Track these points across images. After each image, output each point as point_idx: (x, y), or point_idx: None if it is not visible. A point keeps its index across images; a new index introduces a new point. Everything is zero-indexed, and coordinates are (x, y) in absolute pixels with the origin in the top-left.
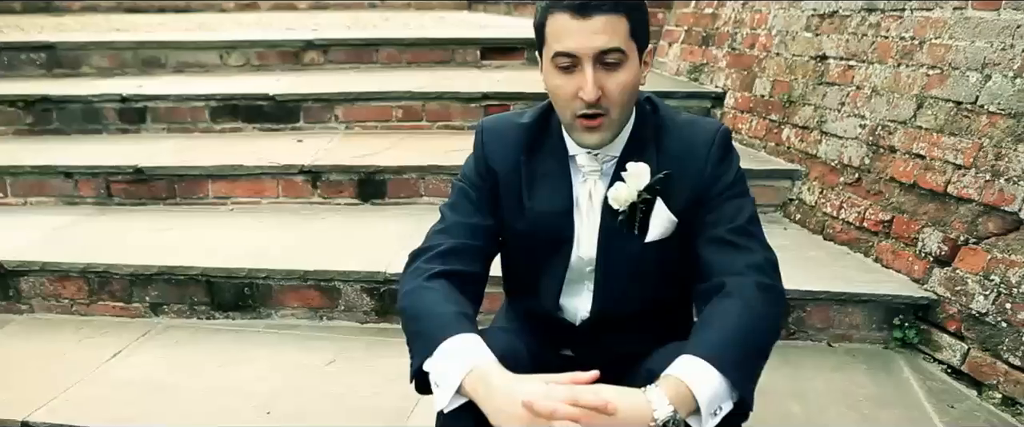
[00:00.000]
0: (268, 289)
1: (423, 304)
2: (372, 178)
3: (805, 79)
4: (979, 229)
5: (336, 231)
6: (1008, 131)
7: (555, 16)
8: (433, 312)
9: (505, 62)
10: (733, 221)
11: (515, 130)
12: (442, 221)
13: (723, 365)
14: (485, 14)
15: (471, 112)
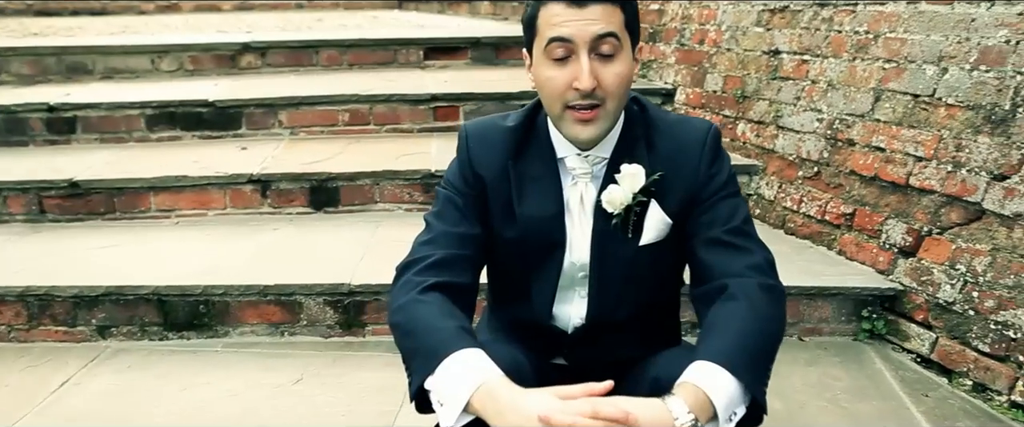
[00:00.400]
0: (225, 306)
1: (419, 319)
2: (324, 185)
3: (758, 74)
4: (942, 219)
5: (291, 242)
6: (967, 123)
7: (549, 6)
8: (431, 327)
9: (449, 62)
10: (729, 222)
11: (501, 133)
12: (428, 231)
13: (737, 369)
14: (417, 13)
15: (420, 114)
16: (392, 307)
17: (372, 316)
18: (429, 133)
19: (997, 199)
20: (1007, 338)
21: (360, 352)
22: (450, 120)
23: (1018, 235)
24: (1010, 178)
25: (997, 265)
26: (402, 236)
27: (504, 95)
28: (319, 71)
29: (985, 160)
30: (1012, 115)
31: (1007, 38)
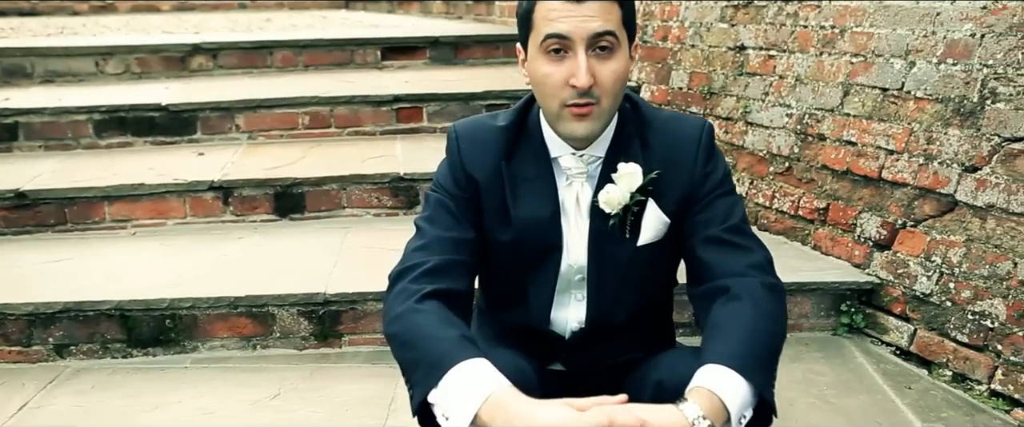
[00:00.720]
0: (193, 320)
1: (418, 329)
2: (289, 191)
3: (725, 70)
4: (916, 212)
5: (257, 251)
6: (937, 115)
7: (545, 1)
8: (432, 337)
9: (407, 62)
10: (727, 220)
11: (492, 133)
12: (421, 236)
13: (747, 371)
14: (366, 13)
15: (382, 116)
16: (388, 317)
17: (349, 326)
18: (392, 135)
19: (969, 190)
20: (985, 328)
21: (338, 364)
22: (413, 122)
23: (991, 226)
24: (981, 169)
25: (972, 256)
26: (373, 242)
27: (468, 95)
28: (274, 73)
29: (956, 152)
30: (981, 107)
31: (972, 32)
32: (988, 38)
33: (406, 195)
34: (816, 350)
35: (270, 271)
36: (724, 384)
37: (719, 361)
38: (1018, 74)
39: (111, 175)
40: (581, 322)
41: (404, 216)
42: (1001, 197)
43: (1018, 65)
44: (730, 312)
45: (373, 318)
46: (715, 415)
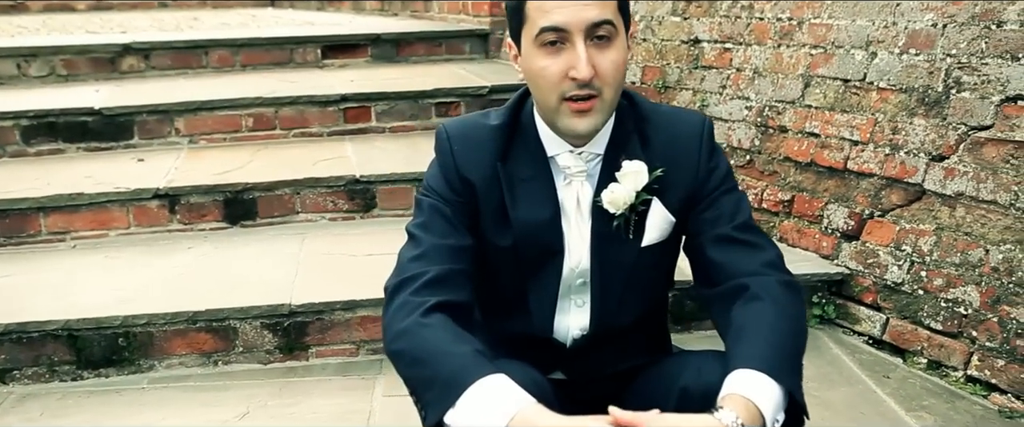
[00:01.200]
0: (148, 337)
1: (428, 345)
2: (240, 197)
3: (679, 64)
4: (883, 202)
5: (211, 261)
6: (901, 105)
7: None
8: (444, 353)
9: (349, 60)
10: (735, 218)
11: (486, 133)
12: (416, 244)
13: (779, 375)
14: (294, 11)
15: (329, 117)
16: (391, 333)
17: (316, 337)
18: (340, 136)
19: (938, 179)
20: (958, 315)
21: (306, 377)
22: (362, 122)
23: (961, 214)
24: (949, 158)
25: (943, 244)
26: (333, 248)
27: (417, 94)
28: (210, 73)
29: (923, 142)
30: (946, 97)
31: (934, 22)
32: (950, 28)
33: (362, 198)
34: None
35: (229, 282)
36: (758, 389)
37: (750, 365)
38: (982, 63)
39: (45, 185)
40: (583, 328)
41: (361, 220)
42: (970, 185)
43: (982, 54)
44: (753, 313)
45: (341, 328)
46: (752, 421)
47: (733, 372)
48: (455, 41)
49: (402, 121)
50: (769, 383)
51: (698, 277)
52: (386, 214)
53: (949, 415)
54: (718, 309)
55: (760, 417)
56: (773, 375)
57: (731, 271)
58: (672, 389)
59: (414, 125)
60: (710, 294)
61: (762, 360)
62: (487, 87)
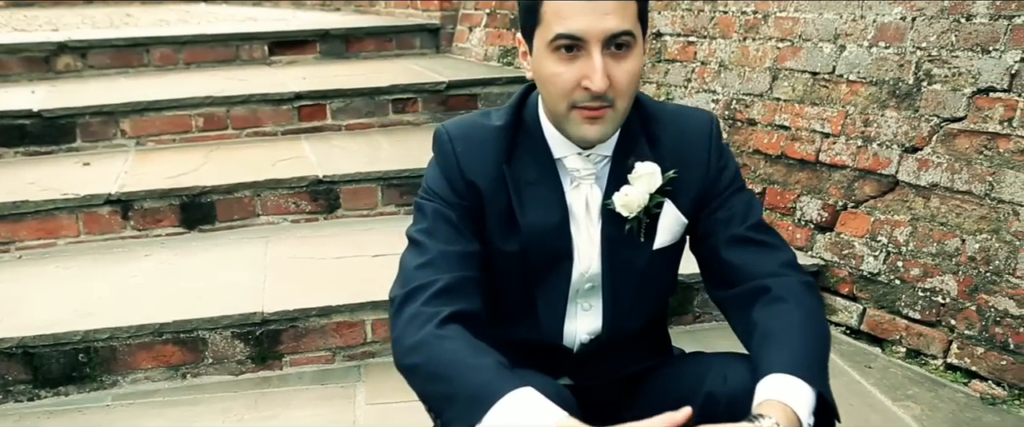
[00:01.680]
0: (111, 352)
1: (446, 359)
2: (197, 201)
3: None
4: (856, 193)
5: (172, 269)
6: (872, 98)
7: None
8: (465, 367)
9: (297, 57)
10: (748, 218)
11: (490, 134)
12: (422, 251)
13: (811, 378)
14: (228, 6)
15: (283, 115)
16: (404, 346)
17: (289, 345)
18: (295, 135)
19: (912, 170)
20: (937, 304)
21: (282, 387)
22: (316, 120)
23: (935, 204)
24: (922, 150)
25: (919, 234)
26: (299, 252)
27: (373, 90)
28: (152, 72)
29: (895, 134)
30: (917, 89)
31: (902, 15)
32: (920, 21)
33: (326, 199)
34: None
35: (194, 291)
36: (794, 393)
37: (783, 369)
38: (952, 56)
39: None
40: (591, 333)
41: (325, 221)
42: (945, 176)
43: (952, 47)
44: (779, 316)
45: (316, 335)
46: (790, 425)
47: (767, 377)
48: (405, 36)
49: (358, 118)
50: (803, 386)
51: (711, 279)
52: (350, 215)
53: (934, 404)
54: (736, 311)
55: (798, 421)
56: (806, 378)
57: (748, 272)
58: (695, 394)
59: (371, 122)
60: (726, 296)
61: (795, 364)
62: (444, 83)
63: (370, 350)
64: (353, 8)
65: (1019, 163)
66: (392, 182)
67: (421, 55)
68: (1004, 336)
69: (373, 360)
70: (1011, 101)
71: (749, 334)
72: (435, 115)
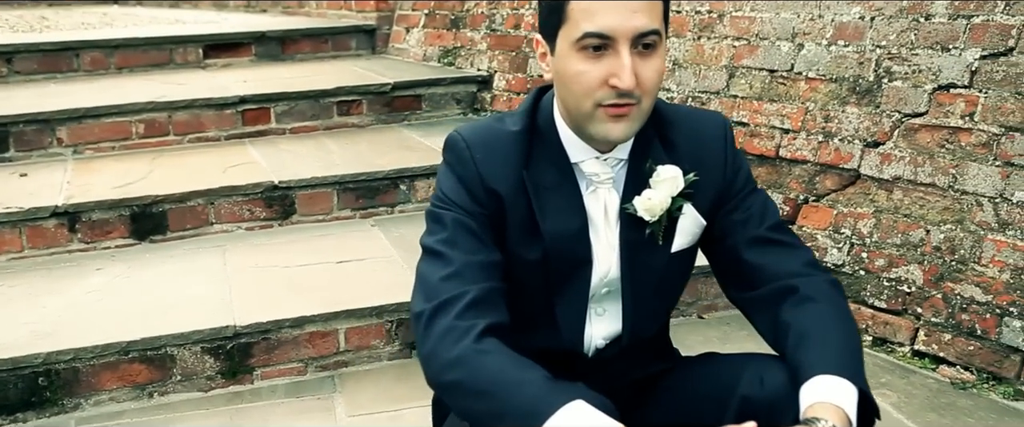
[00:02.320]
0: (74, 373)
1: (491, 374)
2: (148, 211)
3: None
4: (818, 187)
5: (128, 283)
6: (832, 94)
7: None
8: (513, 381)
9: (232, 60)
10: (765, 218)
11: (508, 140)
12: (446, 262)
13: (854, 377)
14: (143, 8)
15: (227, 120)
16: (440, 362)
17: (261, 358)
18: (239, 140)
19: (874, 164)
20: (902, 293)
21: (256, 402)
22: (261, 124)
23: (898, 196)
24: (884, 144)
25: (883, 226)
26: (260, 261)
27: (319, 93)
28: (83, 77)
29: (857, 129)
30: (878, 86)
31: (861, 15)
32: (879, 21)
33: (281, 205)
34: (738, 329)
35: (157, 305)
36: (843, 394)
37: (829, 371)
38: (912, 54)
39: None
40: (606, 338)
41: (280, 228)
42: (908, 169)
43: (912, 45)
44: (812, 316)
45: (288, 347)
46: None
47: (813, 378)
48: (341, 37)
49: (303, 121)
50: (848, 386)
51: (731, 280)
52: (306, 221)
53: (908, 391)
54: (762, 312)
55: (849, 421)
56: (850, 378)
57: (772, 273)
58: (729, 397)
59: (316, 125)
60: (750, 297)
61: (838, 364)
62: (390, 84)
63: (343, 360)
64: (280, 10)
65: (981, 156)
66: (348, 186)
67: (357, 56)
68: (971, 322)
69: (346, 369)
70: (972, 97)
71: (782, 335)
72: (379, 117)
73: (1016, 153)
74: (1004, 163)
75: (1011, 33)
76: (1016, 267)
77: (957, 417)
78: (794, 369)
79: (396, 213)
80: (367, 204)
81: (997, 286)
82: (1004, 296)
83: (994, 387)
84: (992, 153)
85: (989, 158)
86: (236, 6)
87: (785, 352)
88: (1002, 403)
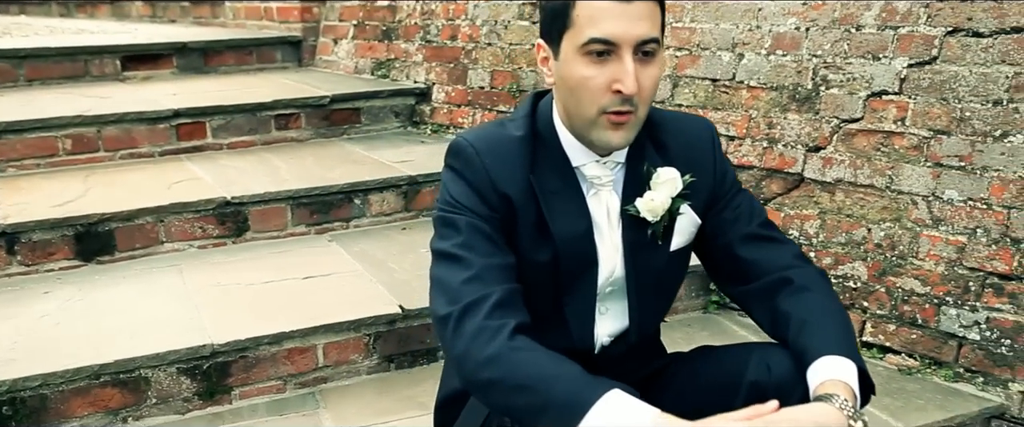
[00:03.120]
0: (42, 401)
1: (529, 370)
2: (94, 230)
3: (533, 67)
4: (764, 191)
5: (83, 305)
6: (773, 102)
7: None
8: (552, 376)
9: (152, 72)
10: (754, 216)
11: (514, 145)
12: (465, 266)
13: (854, 356)
14: (27, 16)
15: (160, 135)
16: (475, 361)
17: (239, 377)
18: (175, 155)
19: (817, 168)
20: (849, 288)
21: (237, 422)
22: (196, 139)
23: (841, 198)
24: (825, 148)
25: (828, 226)
26: (220, 279)
27: (256, 106)
28: None
29: (799, 135)
30: (816, 93)
31: (797, 25)
32: (813, 31)
33: (234, 221)
34: (699, 328)
35: (124, 327)
36: (847, 372)
37: (832, 352)
38: (847, 63)
39: None
40: (611, 335)
41: (233, 245)
42: (848, 172)
43: (846, 54)
44: (809, 303)
45: (267, 364)
46: (851, 400)
47: (820, 359)
48: (267, 49)
49: (240, 136)
50: (850, 364)
51: (725, 276)
52: (260, 237)
53: None
54: (759, 303)
55: (854, 394)
56: (850, 356)
57: (766, 267)
58: (738, 384)
59: (254, 140)
60: (746, 290)
61: (839, 345)
62: (328, 98)
63: (322, 376)
64: (191, 20)
65: (914, 157)
66: (301, 202)
67: (284, 69)
68: (912, 313)
69: (326, 385)
70: (902, 103)
71: (782, 323)
72: (318, 131)
73: (944, 154)
74: (934, 164)
75: (934, 43)
76: (950, 260)
77: (908, 400)
78: (799, 353)
79: (351, 228)
80: (322, 219)
81: (934, 278)
82: (940, 287)
83: (936, 371)
84: (923, 155)
85: (921, 160)
86: (140, 15)
87: (787, 338)
88: (945, 385)
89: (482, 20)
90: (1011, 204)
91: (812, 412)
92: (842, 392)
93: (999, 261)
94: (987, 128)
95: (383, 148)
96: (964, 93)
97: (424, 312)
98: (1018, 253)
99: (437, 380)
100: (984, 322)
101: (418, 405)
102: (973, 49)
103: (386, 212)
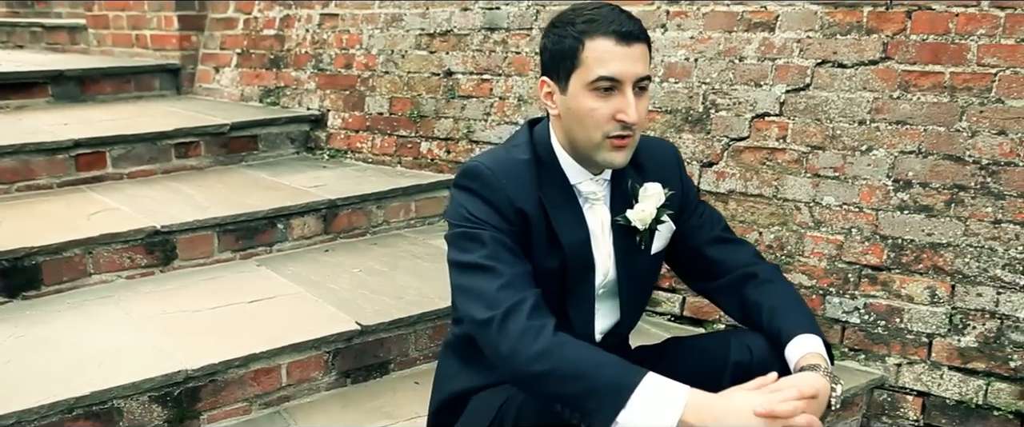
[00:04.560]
0: None
1: (577, 361)
2: (20, 265)
3: (433, 94)
4: None
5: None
6: (669, 124)
7: (597, 41)
8: (598, 364)
9: (26, 101)
10: (717, 222)
11: (522, 167)
12: (496, 275)
13: (819, 332)
14: None
15: (59, 166)
16: (526, 356)
17: (208, 401)
18: (75, 186)
19: (711, 181)
20: None
21: None
22: (96, 169)
23: (734, 206)
24: (717, 164)
25: None
26: (167, 307)
27: (156, 135)
28: None
29: (694, 152)
30: (707, 115)
31: (686, 56)
32: (702, 61)
33: (162, 250)
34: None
35: (86, 359)
36: (817, 345)
37: (803, 331)
38: (732, 89)
39: None
40: (602, 332)
41: (161, 274)
42: (739, 184)
43: (731, 82)
44: (775, 293)
45: (235, 387)
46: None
47: (796, 338)
48: (145, 77)
49: (141, 165)
50: (817, 339)
51: (694, 274)
52: (187, 265)
53: None
54: (727, 296)
55: (828, 364)
56: (816, 333)
57: (732, 264)
58: (723, 366)
59: (154, 169)
60: (715, 286)
61: (807, 325)
62: (227, 125)
63: (285, 394)
64: (44, 45)
65: (795, 170)
66: (227, 228)
67: (162, 96)
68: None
69: (289, 403)
70: (783, 123)
71: (753, 311)
72: (218, 159)
73: (821, 166)
74: (813, 175)
75: (807, 72)
76: (831, 256)
77: None
78: (775, 335)
79: (275, 252)
80: (247, 245)
81: (818, 272)
82: (824, 279)
83: None
84: (803, 167)
85: (801, 171)
86: None
87: (760, 323)
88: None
89: (378, 49)
90: (878, 207)
91: (806, 378)
92: (821, 362)
93: (871, 255)
94: (855, 143)
95: (288, 174)
96: (834, 114)
97: (379, 328)
98: (886, 247)
99: (394, 392)
100: (862, 307)
101: (384, 415)
102: (839, 78)
103: (307, 235)
